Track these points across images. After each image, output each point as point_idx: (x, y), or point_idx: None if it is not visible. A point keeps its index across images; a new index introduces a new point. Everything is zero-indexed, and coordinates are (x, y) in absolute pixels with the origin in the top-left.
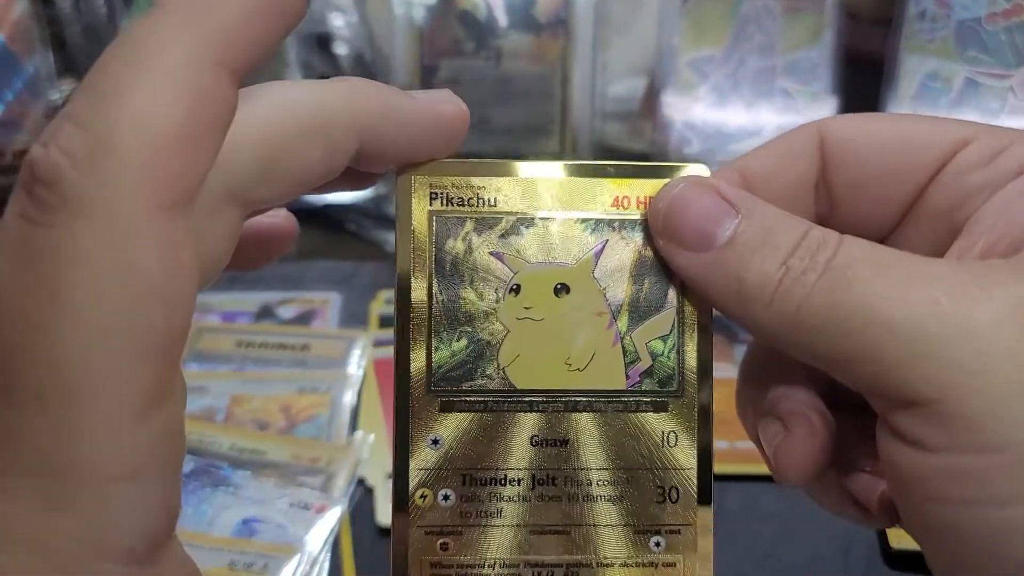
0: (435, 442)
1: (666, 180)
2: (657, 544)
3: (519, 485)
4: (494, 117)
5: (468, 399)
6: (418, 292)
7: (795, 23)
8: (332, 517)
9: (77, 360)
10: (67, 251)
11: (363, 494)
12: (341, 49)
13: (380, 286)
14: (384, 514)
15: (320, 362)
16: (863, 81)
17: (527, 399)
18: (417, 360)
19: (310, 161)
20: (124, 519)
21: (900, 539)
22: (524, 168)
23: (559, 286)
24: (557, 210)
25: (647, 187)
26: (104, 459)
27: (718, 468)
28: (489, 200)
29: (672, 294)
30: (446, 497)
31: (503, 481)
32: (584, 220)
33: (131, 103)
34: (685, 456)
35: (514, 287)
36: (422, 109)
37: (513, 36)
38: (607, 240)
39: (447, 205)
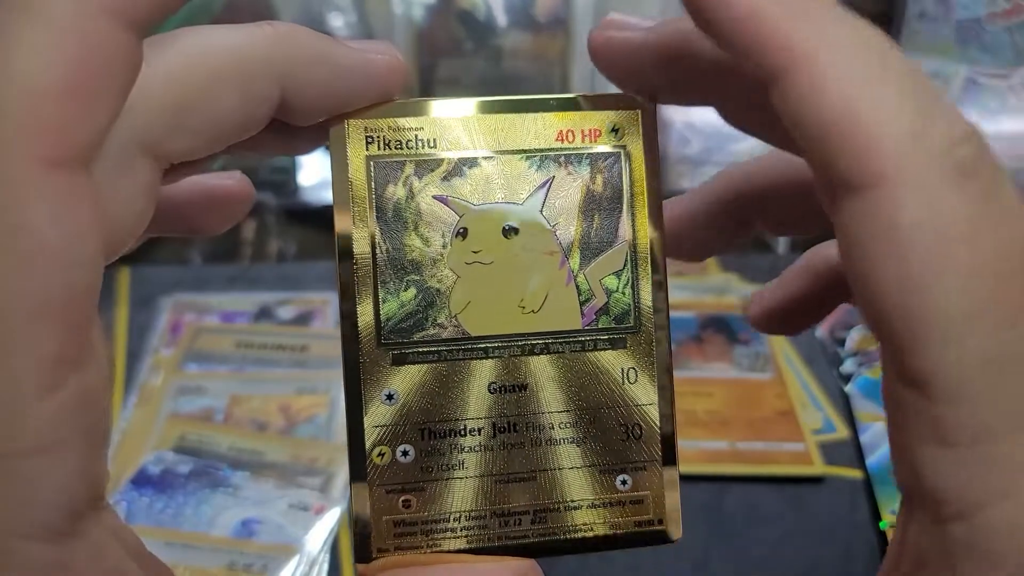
0: (389, 397)
1: (611, 112)
2: (624, 482)
3: (480, 434)
4: None
5: (420, 350)
6: (360, 243)
7: None
8: (331, 518)
9: None
10: None
11: None
12: None
13: None
14: None
15: (319, 362)
16: None
17: (482, 346)
18: (364, 314)
19: (226, 109)
20: (36, 495)
21: None
22: (462, 106)
23: (507, 227)
24: (500, 148)
25: (591, 120)
26: (6, 435)
27: (718, 469)
28: (428, 141)
29: (624, 229)
30: (405, 453)
31: (463, 432)
32: (529, 157)
33: (10, 54)
34: (646, 392)
35: (460, 231)
36: (352, 58)
37: (512, 35)
38: (554, 176)
39: (384, 149)
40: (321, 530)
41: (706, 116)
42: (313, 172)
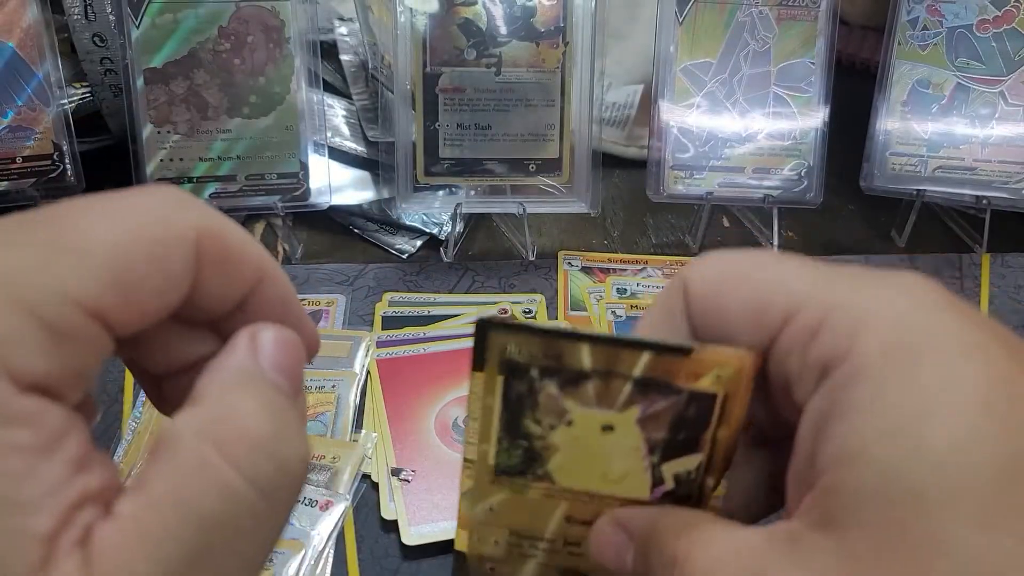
0: (491, 509)
1: (717, 362)
2: None
3: (553, 543)
4: (495, 124)
5: (519, 486)
6: (486, 413)
7: (789, 31)
8: (337, 513)
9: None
10: None
11: (367, 489)
12: (345, 56)
13: (385, 288)
14: (387, 509)
15: (326, 361)
16: (855, 87)
17: (566, 493)
18: (482, 456)
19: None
20: (28, 358)
21: None
22: (589, 336)
23: (605, 426)
24: (612, 371)
25: (697, 364)
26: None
27: None
28: (558, 356)
29: (704, 446)
30: (496, 542)
31: (541, 539)
32: (636, 381)
33: None
34: None
35: (568, 421)
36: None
37: (513, 45)
38: (654, 399)
39: (519, 356)
40: (327, 525)
41: (701, 122)
42: (320, 176)
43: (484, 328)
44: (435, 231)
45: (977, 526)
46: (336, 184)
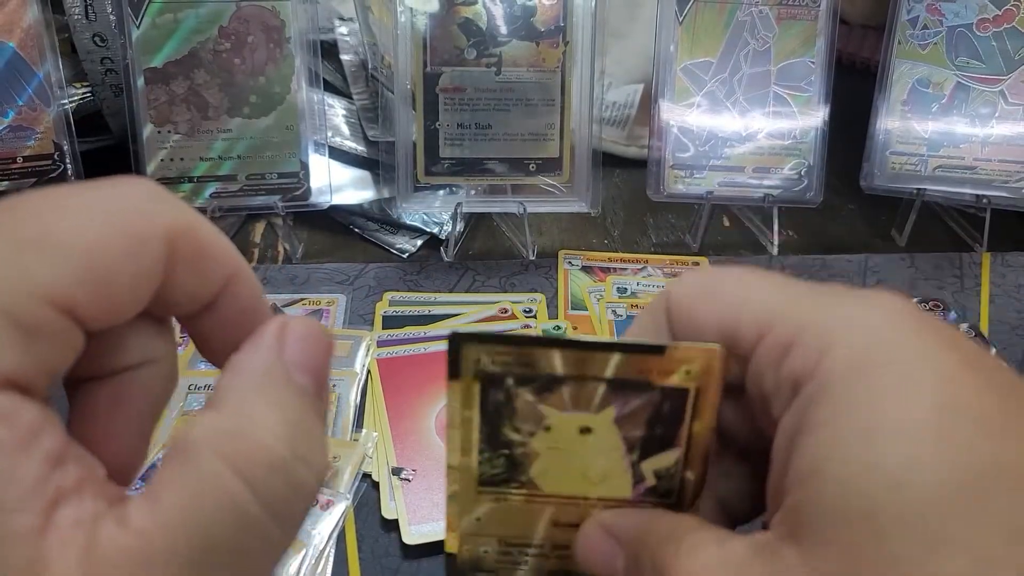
0: (478, 519)
1: (686, 358)
2: None
3: (543, 548)
4: (495, 123)
5: (504, 494)
6: (466, 425)
7: (789, 30)
8: (337, 512)
9: None
10: None
11: (368, 488)
12: (345, 56)
13: (385, 287)
14: (388, 508)
15: None
16: (855, 86)
17: (551, 499)
18: (466, 467)
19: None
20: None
21: None
22: (561, 342)
23: (583, 428)
24: (587, 375)
25: (669, 362)
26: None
27: None
28: (531, 364)
29: (681, 440)
30: (485, 551)
31: (530, 545)
32: (610, 383)
33: None
34: None
35: (546, 427)
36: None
37: (514, 44)
38: (629, 398)
39: (493, 366)
40: (328, 524)
41: (701, 121)
42: (320, 176)
43: (457, 341)
44: (435, 231)
45: (930, 547)
46: (336, 184)
